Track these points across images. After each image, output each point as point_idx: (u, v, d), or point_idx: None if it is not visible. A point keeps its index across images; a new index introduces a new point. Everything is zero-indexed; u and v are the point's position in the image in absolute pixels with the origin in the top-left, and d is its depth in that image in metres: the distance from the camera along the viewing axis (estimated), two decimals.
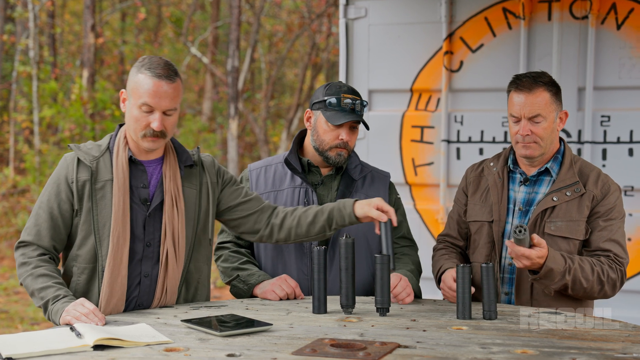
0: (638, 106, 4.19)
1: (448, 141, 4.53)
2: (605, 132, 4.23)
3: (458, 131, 4.52)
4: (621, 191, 2.93)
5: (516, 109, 2.85)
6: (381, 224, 2.63)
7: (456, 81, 4.53)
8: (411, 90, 4.63)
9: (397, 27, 4.64)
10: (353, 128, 3.06)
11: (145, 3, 16.11)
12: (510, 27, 4.41)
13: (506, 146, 4.39)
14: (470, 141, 4.50)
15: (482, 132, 4.47)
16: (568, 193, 2.84)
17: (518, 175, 2.98)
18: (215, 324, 2.29)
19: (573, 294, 2.77)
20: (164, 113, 2.59)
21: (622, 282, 2.82)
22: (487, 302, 2.45)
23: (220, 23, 15.63)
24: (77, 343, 2.07)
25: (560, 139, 3.00)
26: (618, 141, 4.21)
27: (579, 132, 4.27)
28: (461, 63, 4.52)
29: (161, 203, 2.67)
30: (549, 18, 4.31)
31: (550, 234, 2.82)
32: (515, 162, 3.00)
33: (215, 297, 9.10)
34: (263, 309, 2.63)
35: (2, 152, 15.39)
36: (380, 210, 2.67)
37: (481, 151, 4.46)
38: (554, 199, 2.84)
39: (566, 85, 4.28)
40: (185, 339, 2.17)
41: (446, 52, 4.51)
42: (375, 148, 4.66)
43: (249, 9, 15.48)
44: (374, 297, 2.54)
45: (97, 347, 2.06)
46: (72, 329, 2.22)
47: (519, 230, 2.53)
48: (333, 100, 3.02)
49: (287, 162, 3.12)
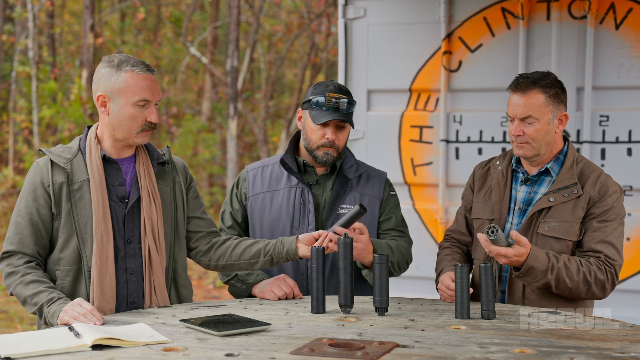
0: (637, 106, 4.19)
1: (447, 141, 4.53)
2: (604, 132, 4.23)
3: (457, 131, 4.52)
4: (622, 192, 2.91)
5: (510, 109, 2.89)
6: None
7: (455, 81, 4.53)
8: (410, 90, 4.63)
9: (396, 27, 4.64)
10: (340, 127, 3.07)
11: (144, 3, 16.11)
12: (509, 27, 4.42)
13: (505, 146, 4.40)
14: (469, 141, 4.50)
15: (481, 132, 4.47)
16: (565, 194, 2.84)
17: (521, 174, 3.00)
18: (213, 324, 2.29)
19: (559, 293, 2.78)
20: (154, 105, 2.68)
21: (613, 284, 2.81)
22: (486, 302, 2.45)
23: (219, 23, 15.63)
24: (76, 343, 2.07)
25: (565, 140, 3.00)
26: (617, 141, 4.21)
27: (578, 132, 4.27)
28: (460, 63, 4.52)
29: (138, 200, 2.69)
30: (548, 18, 4.32)
31: (543, 234, 2.83)
32: (518, 161, 3.01)
33: (214, 297, 9.10)
34: (262, 309, 2.63)
35: (2, 152, 15.38)
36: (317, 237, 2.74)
37: (480, 151, 4.47)
38: (550, 200, 2.85)
39: (565, 85, 4.25)
40: (183, 339, 2.17)
41: (445, 52, 4.51)
42: (374, 148, 4.67)
43: (248, 9, 15.48)
44: (373, 297, 2.54)
45: (96, 347, 2.06)
46: (71, 329, 2.22)
47: (491, 230, 2.57)
48: (318, 99, 3.04)
49: (283, 162, 3.13)
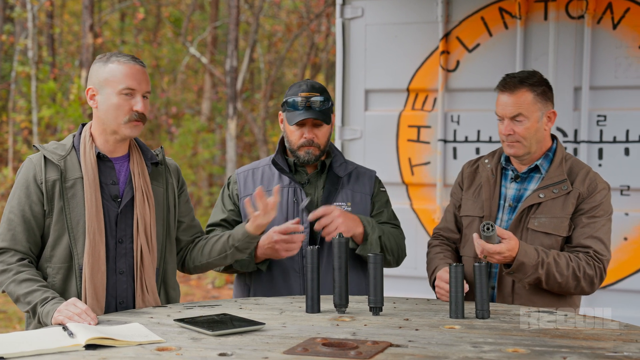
0: (634, 106, 4.19)
1: (445, 141, 4.53)
2: (601, 132, 4.23)
3: (455, 131, 4.52)
4: (610, 189, 2.95)
5: (499, 109, 2.92)
6: None
7: (453, 81, 4.53)
8: (408, 90, 4.63)
9: (394, 27, 4.64)
10: (317, 125, 3.07)
11: (144, 3, 16.10)
12: (506, 27, 4.41)
13: None
14: (466, 141, 4.50)
15: (479, 132, 4.47)
16: (555, 190, 2.88)
17: (510, 172, 3.02)
18: (207, 324, 2.29)
19: (548, 289, 2.81)
20: (143, 96, 2.65)
21: (602, 279, 2.85)
22: (480, 301, 2.45)
23: (219, 23, 15.63)
24: (69, 342, 2.07)
25: (553, 137, 3.03)
26: (614, 141, 4.21)
27: (575, 132, 4.27)
28: (457, 63, 4.52)
29: (131, 199, 2.69)
30: (545, 18, 4.31)
31: (533, 230, 2.86)
32: (507, 159, 3.04)
33: (213, 297, 9.10)
34: (256, 308, 2.63)
35: (1, 152, 15.39)
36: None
37: (477, 151, 4.46)
38: (540, 196, 2.88)
39: (562, 84, 4.28)
40: (177, 339, 2.17)
41: (443, 52, 4.51)
42: (371, 148, 4.67)
43: (248, 9, 15.48)
44: (367, 297, 2.54)
45: (89, 347, 2.06)
46: (65, 329, 2.22)
47: (487, 227, 2.59)
48: (290, 100, 3.07)
49: (275, 163, 3.14)
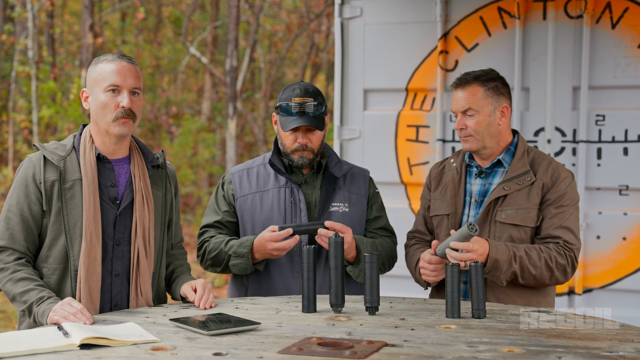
0: (633, 105, 4.19)
1: (443, 140, 4.53)
2: (600, 131, 4.23)
3: (453, 130, 4.51)
4: (573, 178, 3.02)
5: (453, 105, 3.04)
6: None
7: (451, 80, 4.49)
8: (406, 89, 4.63)
9: (393, 27, 4.64)
10: (311, 130, 3.07)
11: (144, 3, 16.11)
12: (505, 27, 4.41)
13: None
14: None
15: None
16: (519, 182, 2.94)
17: (474, 168, 3.08)
18: (203, 323, 2.29)
19: (525, 283, 2.85)
20: (131, 93, 2.64)
21: (574, 268, 2.90)
22: (476, 301, 2.44)
23: (219, 23, 15.63)
24: (64, 342, 2.07)
25: (514, 132, 3.10)
26: (613, 140, 4.21)
27: (574, 132, 4.26)
28: (456, 62, 4.52)
29: (131, 202, 2.67)
30: (544, 17, 4.31)
31: (501, 222, 2.91)
32: (471, 157, 3.10)
33: (217, 298, 9.06)
34: (252, 308, 2.62)
35: (1, 152, 15.39)
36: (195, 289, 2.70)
37: None
38: (505, 188, 2.94)
39: (561, 84, 4.28)
40: (172, 338, 2.16)
41: (441, 52, 4.51)
42: (370, 147, 4.67)
43: (248, 9, 15.48)
44: (363, 296, 2.54)
45: (84, 346, 2.05)
46: (60, 328, 2.21)
47: (474, 229, 2.62)
48: (284, 105, 3.06)
49: (272, 163, 3.13)
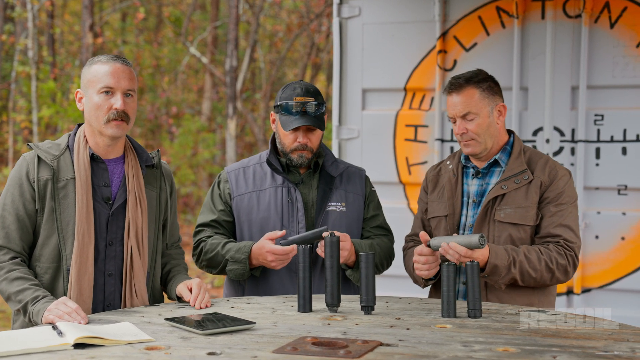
0: (631, 105, 4.18)
1: (442, 140, 4.52)
2: (598, 131, 4.22)
3: (451, 130, 4.50)
4: (571, 176, 3.01)
5: (450, 110, 3.00)
6: None
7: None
8: (405, 89, 4.62)
9: (391, 26, 4.64)
10: (311, 130, 3.06)
11: (144, 3, 16.10)
12: (503, 26, 4.40)
13: None
14: None
15: None
16: (517, 181, 2.93)
17: (471, 169, 3.07)
18: (198, 323, 2.28)
19: (525, 285, 2.84)
20: (125, 95, 2.63)
21: (575, 267, 2.88)
22: (472, 301, 2.44)
23: (219, 23, 15.63)
24: (58, 342, 2.06)
25: (509, 131, 3.09)
26: (611, 140, 4.20)
27: (573, 131, 4.26)
28: (455, 62, 4.51)
29: (124, 202, 2.67)
30: (543, 17, 4.31)
31: (500, 221, 2.90)
32: (467, 158, 3.09)
33: (212, 297, 9.06)
34: (248, 308, 2.62)
35: (2, 152, 15.40)
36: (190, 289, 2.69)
37: None
38: (503, 187, 2.92)
39: (560, 84, 4.27)
40: (167, 338, 2.16)
41: (440, 51, 4.50)
42: (369, 147, 4.66)
43: (249, 9, 15.47)
44: (359, 296, 2.53)
45: (78, 346, 2.05)
46: (54, 328, 2.21)
47: (483, 240, 2.63)
48: (285, 104, 3.06)
49: (269, 163, 3.13)
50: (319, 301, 2.65)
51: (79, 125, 2.78)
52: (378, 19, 4.65)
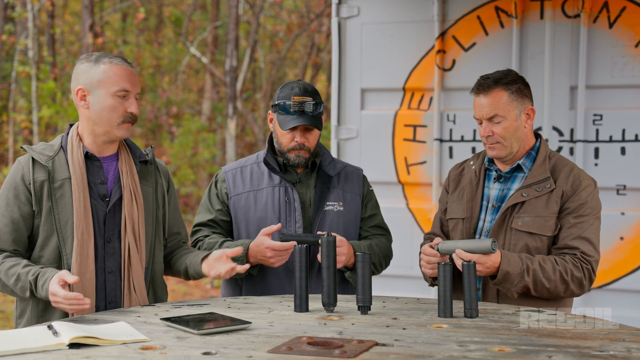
0: (630, 105, 4.18)
1: (441, 140, 4.51)
2: (597, 131, 4.21)
3: (450, 130, 4.50)
4: (596, 186, 2.89)
5: (477, 112, 2.89)
6: None
7: (449, 80, 4.52)
8: (404, 89, 4.62)
9: (390, 26, 4.63)
10: (309, 129, 3.06)
11: (145, 3, 16.11)
12: (502, 26, 4.40)
13: None
14: (462, 140, 4.48)
15: (475, 131, 4.45)
16: (538, 189, 2.83)
17: (494, 172, 2.99)
18: (194, 323, 2.28)
19: (538, 295, 2.75)
20: (134, 98, 2.67)
21: (591, 280, 2.78)
22: (469, 301, 2.43)
23: (219, 23, 15.63)
24: (53, 341, 2.06)
25: (537, 135, 2.99)
26: (610, 140, 4.19)
27: (572, 131, 4.25)
28: (454, 62, 4.50)
29: (120, 198, 2.68)
30: (541, 16, 4.30)
31: (517, 229, 2.82)
32: (491, 160, 3.01)
33: (212, 297, 9.07)
34: (245, 308, 2.61)
35: (2, 152, 15.40)
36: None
37: (474, 150, 4.45)
38: (523, 195, 2.83)
39: (558, 84, 4.27)
40: (162, 337, 2.15)
41: (439, 51, 4.49)
42: (367, 147, 4.66)
43: (249, 9, 15.47)
44: (356, 296, 2.53)
45: (73, 346, 2.04)
46: (50, 327, 2.20)
47: (495, 246, 2.61)
48: (283, 103, 3.05)
49: (266, 162, 3.12)
50: (316, 301, 2.65)
51: (71, 125, 2.78)
52: (377, 19, 4.64)
